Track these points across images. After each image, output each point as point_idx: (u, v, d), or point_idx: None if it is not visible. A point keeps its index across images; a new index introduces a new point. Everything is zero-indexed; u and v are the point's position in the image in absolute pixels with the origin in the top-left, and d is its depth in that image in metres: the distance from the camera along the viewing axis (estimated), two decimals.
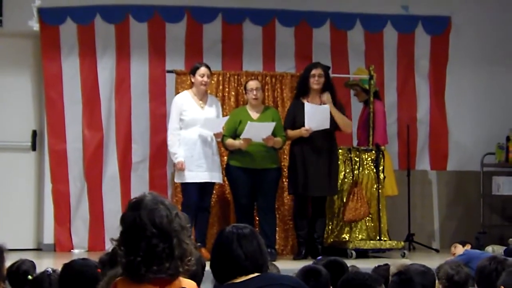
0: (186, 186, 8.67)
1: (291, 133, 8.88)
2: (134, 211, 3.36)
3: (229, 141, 8.79)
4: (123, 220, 3.37)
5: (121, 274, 3.39)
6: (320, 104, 8.84)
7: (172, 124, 8.76)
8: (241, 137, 8.69)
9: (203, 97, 8.80)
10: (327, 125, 8.73)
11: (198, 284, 4.76)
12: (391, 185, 9.67)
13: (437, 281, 5.02)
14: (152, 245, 3.29)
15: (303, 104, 8.86)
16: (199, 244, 8.37)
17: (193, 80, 8.79)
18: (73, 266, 4.27)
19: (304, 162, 8.80)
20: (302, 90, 8.98)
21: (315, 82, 8.88)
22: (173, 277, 3.34)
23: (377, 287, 4.01)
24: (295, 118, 8.87)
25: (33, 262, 5.16)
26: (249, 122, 8.67)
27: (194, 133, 8.65)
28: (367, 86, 9.62)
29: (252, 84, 8.98)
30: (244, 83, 9.12)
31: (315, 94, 8.92)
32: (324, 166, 8.81)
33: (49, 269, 4.53)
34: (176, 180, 8.88)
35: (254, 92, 8.89)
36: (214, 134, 8.70)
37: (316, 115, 8.70)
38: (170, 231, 3.33)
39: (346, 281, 4.10)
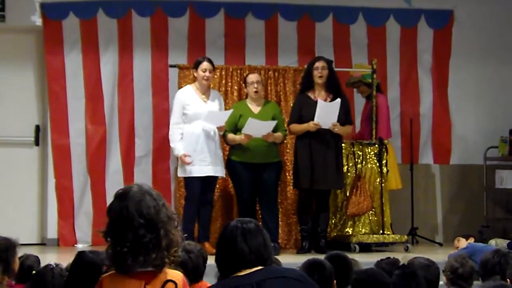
0: (189, 180, 8.67)
1: (297, 127, 8.85)
2: (121, 202, 3.36)
3: (230, 136, 8.79)
4: (110, 211, 3.38)
5: (109, 267, 3.40)
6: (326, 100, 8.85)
7: (174, 119, 8.75)
8: (242, 131, 8.69)
9: (205, 91, 8.79)
10: (334, 119, 8.72)
11: (200, 276, 4.78)
12: (395, 178, 9.67)
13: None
14: (139, 235, 3.30)
15: (309, 98, 8.87)
16: (185, 235, 8.36)
17: (195, 75, 8.78)
18: (83, 257, 4.28)
19: (311, 156, 8.78)
20: (306, 84, 8.98)
21: (319, 75, 8.88)
22: (159, 268, 3.35)
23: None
24: (301, 112, 8.86)
25: (37, 257, 5.17)
26: (250, 118, 8.66)
27: (198, 127, 8.65)
28: (369, 80, 9.62)
29: (252, 77, 8.96)
30: (244, 77, 9.11)
31: (319, 88, 8.92)
32: (331, 160, 8.80)
33: (52, 263, 4.53)
34: (179, 175, 8.88)
35: (255, 85, 8.88)
36: (217, 128, 8.70)
37: (327, 112, 8.68)
38: (157, 221, 3.34)
39: (363, 279, 4.08)
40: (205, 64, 8.73)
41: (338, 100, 8.77)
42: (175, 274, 3.42)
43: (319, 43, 10.17)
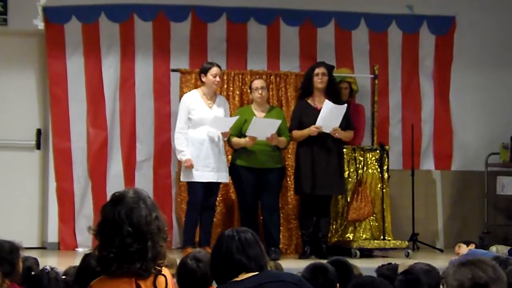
0: (192, 185, 8.67)
1: (298, 133, 8.86)
2: (114, 205, 3.35)
3: (235, 139, 8.80)
4: (102, 211, 3.38)
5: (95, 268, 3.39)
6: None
7: (180, 123, 8.75)
8: (246, 133, 8.69)
9: (212, 97, 8.80)
10: (337, 124, 8.73)
11: (208, 284, 4.78)
12: None
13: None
14: (125, 244, 3.29)
15: (309, 105, 8.88)
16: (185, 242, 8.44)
17: (203, 80, 8.77)
18: (89, 260, 4.28)
19: (313, 161, 8.77)
20: (306, 90, 8.99)
21: (319, 81, 8.89)
22: (143, 278, 3.33)
23: None
24: (302, 118, 8.87)
25: (36, 259, 5.17)
26: (254, 117, 8.68)
27: (202, 132, 8.65)
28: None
29: (257, 83, 8.99)
30: (250, 82, 9.13)
31: (319, 94, 8.93)
32: (334, 165, 8.81)
33: (48, 267, 4.53)
34: (182, 179, 8.88)
35: (260, 91, 8.90)
36: (222, 133, 8.70)
37: (332, 114, 8.69)
38: (146, 232, 3.31)
39: (359, 285, 4.06)
40: (215, 69, 8.75)
41: (345, 105, 8.80)
42: (164, 270, 3.42)
43: (321, 48, 10.18)
